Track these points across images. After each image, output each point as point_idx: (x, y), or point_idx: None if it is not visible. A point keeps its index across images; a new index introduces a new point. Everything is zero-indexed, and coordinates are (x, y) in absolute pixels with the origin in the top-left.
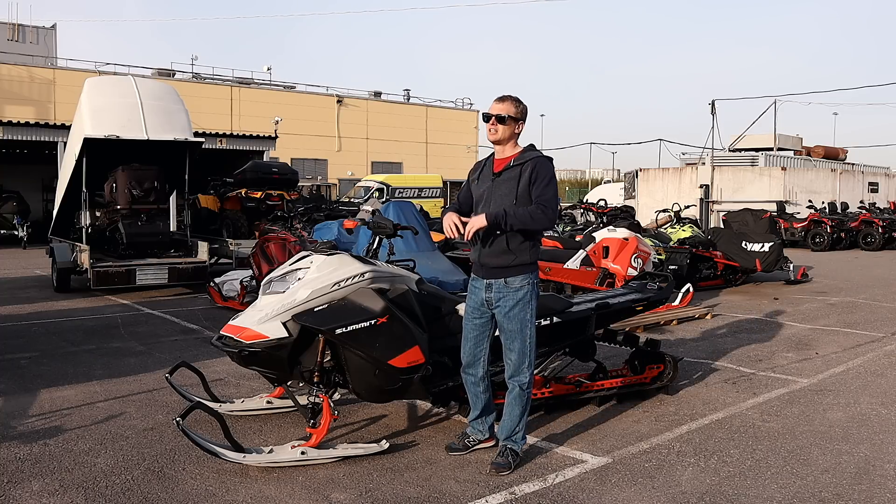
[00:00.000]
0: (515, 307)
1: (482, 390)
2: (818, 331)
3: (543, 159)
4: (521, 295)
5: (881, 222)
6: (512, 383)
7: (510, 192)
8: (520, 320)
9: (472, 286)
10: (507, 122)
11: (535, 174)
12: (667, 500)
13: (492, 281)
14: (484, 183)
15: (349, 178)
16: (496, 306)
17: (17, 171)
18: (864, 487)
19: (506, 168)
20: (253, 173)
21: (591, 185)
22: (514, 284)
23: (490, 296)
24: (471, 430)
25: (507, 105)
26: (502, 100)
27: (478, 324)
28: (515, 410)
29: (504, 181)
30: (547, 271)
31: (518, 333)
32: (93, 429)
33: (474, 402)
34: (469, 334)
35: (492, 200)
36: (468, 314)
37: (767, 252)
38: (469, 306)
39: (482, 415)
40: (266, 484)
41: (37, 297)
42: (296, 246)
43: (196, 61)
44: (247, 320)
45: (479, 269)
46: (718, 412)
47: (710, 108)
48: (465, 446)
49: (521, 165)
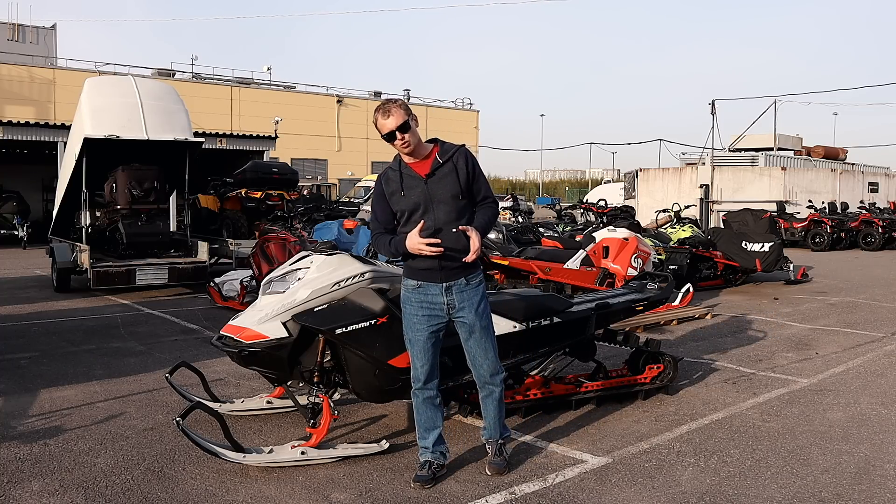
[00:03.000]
0: (481, 303)
1: (439, 403)
2: (818, 331)
3: (467, 149)
4: (482, 290)
5: (881, 222)
6: (492, 382)
7: (453, 187)
8: (487, 315)
9: (422, 293)
10: (410, 127)
11: (471, 165)
12: (667, 500)
13: (451, 283)
14: (413, 189)
15: (349, 178)
16: (461, 308)
17: (17, 171)
18: (864, 487)
19: (435, 167)
20: (253, 173)
21: (591, 185)
22: (473, 281)
23: (451, 298)
24: (431, 455)
25: (396, 112)
26: (387, 112)
27: (434, 332)
28: (500, 407)
29: (440, 179)
30: (547, 271)
31: (489, 328)
32: (93, 429)
33: (432, 421)
34: (425, 345)
35: (433, 202)
36: (418, 327)
37: (767, 252)
38: (419, 316)
39: (440, 433)
40: (266, 484)
41: (37, 297)
42: (296, 246)
43: (196, 61)
44: (247, 320)
45: (434, 274)
46: (718, 412)
47: (710, 108)
48: (433, 474)
49: (451, 159)
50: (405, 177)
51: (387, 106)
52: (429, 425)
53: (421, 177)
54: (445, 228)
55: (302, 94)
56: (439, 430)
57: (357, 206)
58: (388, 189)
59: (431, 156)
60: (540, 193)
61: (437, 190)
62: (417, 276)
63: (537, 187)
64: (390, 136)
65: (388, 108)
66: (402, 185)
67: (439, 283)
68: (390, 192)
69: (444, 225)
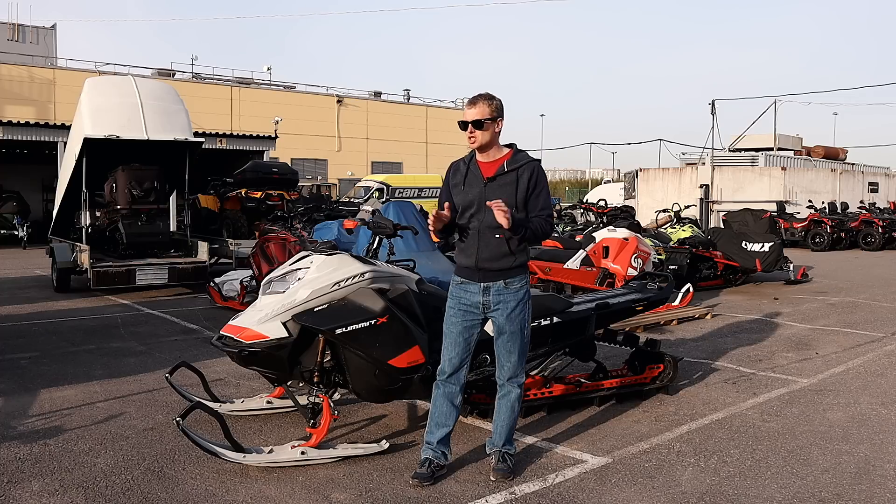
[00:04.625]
0: (517, 308)
1: (459, 402)
2: (818, 331)
3: (539, 165)
4: (522, 295)
5: (881, 222)
6: (511, 385)
7: (509, 196)
8: (521, 321)
9: (463, 290)
10: (486, 126)
11: (533, 181)
12: (667, 500)
13: (489, 284)
14: (472, 188)
15: (349, 178)
16: (495, 309)
17: (17, 171)
18: (864, 487)
19: (499, 173)
20: (253, 173)
21: (591, 185)
22: (514, 286)
23: (488, 299)
24: (433, 453)
25: (481, 107)
26: (474, 102)
27: (468, 327)
28: (514, 414)
29: (499, 186)
30: (547, 271)
31: (519, 334)
32: (93, 429)
33: (446, 417)
34: (457, 339)
35: (485, 207)
36: (454, 320)
37: (767, 252)
38: (456, 310)
39: (448, 434)
40: (266, 484)
41: (37, 297)
42: (296, 246)
43: (196, 61)
44: (247, 320)
45: (473, 274)
46: (718, 412)
47: (710, 108)
48: (432, 473)
49: (516, 170)
50: (470, 173)
51: (476, 98)
52: (440, 421)
53: (483, 178)
54: (488, 232)
55: (302, 94)
56: (448, 431)
57: (357, 206)
58: (453, 180)
59: (501, 160)
60: None
61: (493, 194)
62: (461, 274)
63: None
64: (464, 126)
65: (476, 100)
66: (465, 180)
67: (478, 283)
68: (454, 184)
69: (487, 228)
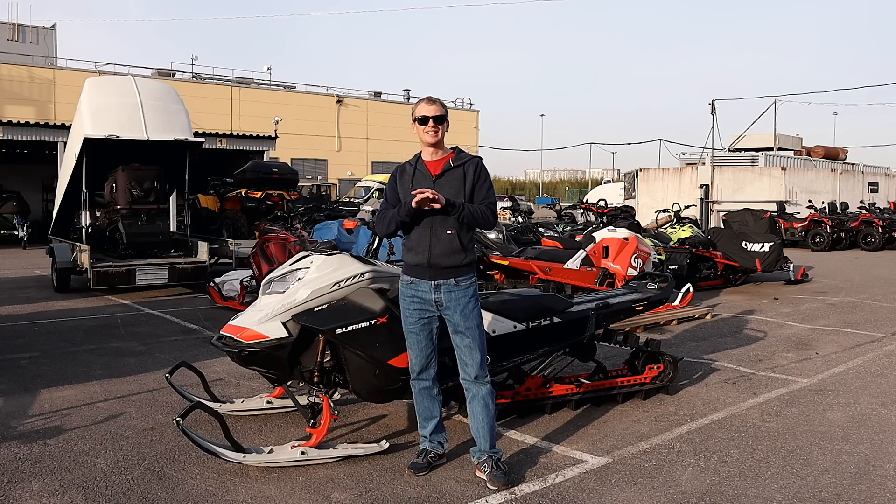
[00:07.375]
0: (469, 303)
1: (436, 393)
2: (818, 331)
3: (481, 161)
4: (472, 292)
5: (881, 222)
6: (478, 384)
7: (457, 192)
8: (475, 316)
9: (414, 289)
10: (444, 124)
11: (478, 174)
12: (667, 500)
13: (440, 282)
14: (421, 185)
15: (349, 178)
16: (447, 307)
17: (17, 171)
18: (864, 487)
19: (446, 169)
20: (253, 173)
21: (591, 185)
22: (464, 283)
23: (439, 297)
24: (429, 444)
25: (439, 106)
26: (432, 101)
27: (426, 323)
28: (490, 412)
29: (447, 182)
30: (547, 271)
31: (476, 329)
32: (93, 429)
33: (429, 410)
34: (418, 336)
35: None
36: (411, 319)
37: (767, 252)
38: (411, 310)
39: (439, 424)
40: (266, 484)
41: (37, 297)
42: (296, 246)
43: (196, 61)
44: (247, 320)
45: (424, 271)
46: (718, 412)
47: (710, 108)
48: (428, 463)
49: (461, 166)
50: (418, 173)
51: (434, 99)
52: (426, 415)
53: (431, 175)
54: (440, 229)
55: (302, 94)
56: (437, 420)
57: (357, 206)
58: (400, 180)
59: (446, 158)
60: (540, 193)
61: (441, 190)
62: (410, 272)
63: (537, 187)
64: (423, 120)
65: (434, 100)
66: (412, 180)
67: (429, 281)
68: (402, 183)
69: (440, 225)
